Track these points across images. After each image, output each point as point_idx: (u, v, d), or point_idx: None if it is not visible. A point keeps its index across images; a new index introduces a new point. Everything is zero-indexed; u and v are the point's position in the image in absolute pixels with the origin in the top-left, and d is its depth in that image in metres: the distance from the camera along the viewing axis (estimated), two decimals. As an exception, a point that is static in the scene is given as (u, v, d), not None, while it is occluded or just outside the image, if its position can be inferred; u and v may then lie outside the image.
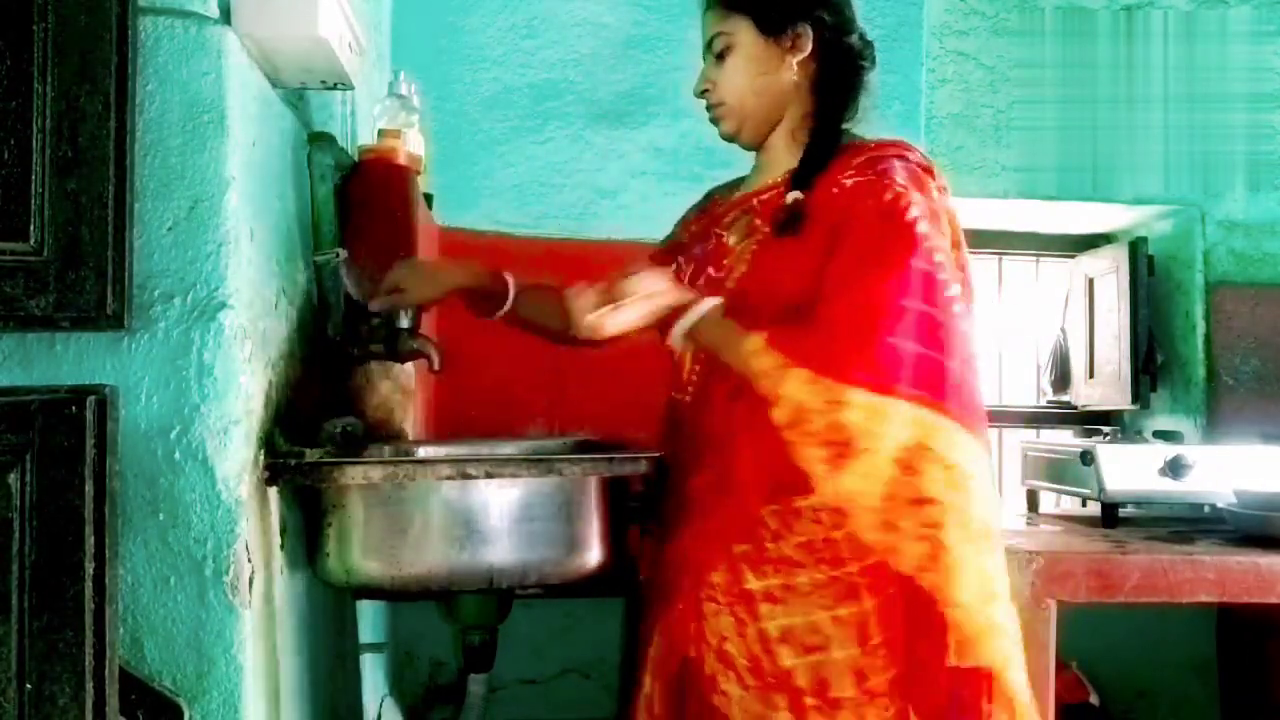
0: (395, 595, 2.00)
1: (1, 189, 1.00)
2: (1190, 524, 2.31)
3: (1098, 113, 2.83)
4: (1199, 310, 2.88)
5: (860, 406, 1.24)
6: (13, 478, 0.94)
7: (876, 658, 1.31)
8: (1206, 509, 2.33)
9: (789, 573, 1.32)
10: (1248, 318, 2.87)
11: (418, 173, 1.81)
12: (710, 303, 1.35)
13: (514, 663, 2.36)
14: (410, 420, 1.72)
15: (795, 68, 1.42)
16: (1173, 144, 2.85)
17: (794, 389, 1.25)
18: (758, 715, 1.32)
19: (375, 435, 1.66)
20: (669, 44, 2.64)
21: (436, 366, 1.59)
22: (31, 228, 1.01)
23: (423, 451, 1.65)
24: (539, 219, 2.58)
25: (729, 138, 1.49)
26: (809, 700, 1.30)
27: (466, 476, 1.29)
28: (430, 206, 2.22)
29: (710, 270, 1.48)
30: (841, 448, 1.25)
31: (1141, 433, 2.56)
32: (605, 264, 2.52)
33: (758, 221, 1.44)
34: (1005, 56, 2.84)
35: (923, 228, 1.30)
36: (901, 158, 1.38)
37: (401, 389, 1.66)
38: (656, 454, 1.43)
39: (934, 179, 1.39)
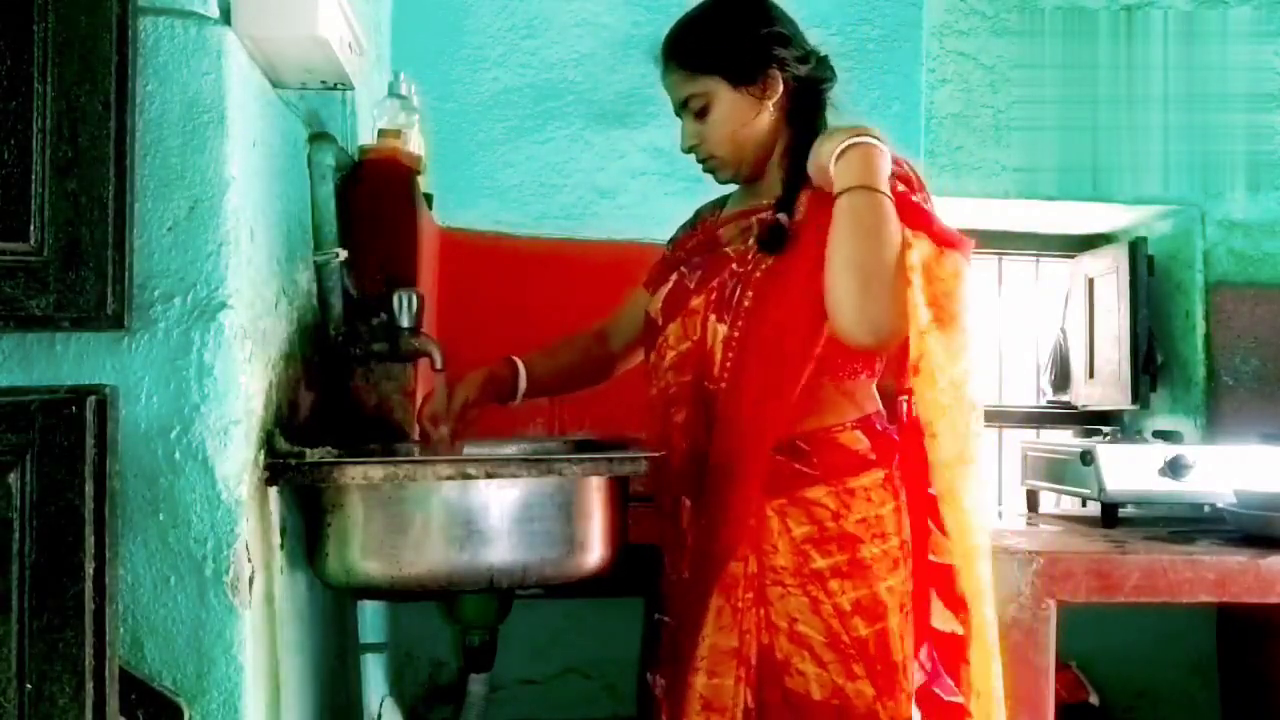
0: (395, 595, 2.00)
1: (1, 189, 1.00)
2: (1190, 524, 2.31)
3: (1098, 113, 2.83)
4: (1199, 310, 2.88)
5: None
6: (13, 478, 0.94)
7: (908, 624, 1.42)
8: (1206, 509, 2.33)
9: (853, 548, 1.39)
10: (1248, 318, 2.87)
11: (418, 173, 1.81)
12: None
13: (514, 663, 2.36)
14: (410, 420, 1.72)
15: (771, 108, 1.47)
16: (1173, 144, 2.85)
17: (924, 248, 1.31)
18: (836, 688, 1.38)
19: (375, 435, 1.66)
20: (669, 44, 2.64)
21: (438, 365, 1.60)
22: (31, 228, 1.01)
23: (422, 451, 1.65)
24: (539, 219, 2.57)
25: (727, 182, 1.54)
26: (879, 666, 1.38)
27: (466, 476, 1.29)
28: (430, 206, 2.22)
29: (714, 280, 1.48)
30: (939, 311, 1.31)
31: (1141, 433, 2.56)
32: (605, 264, 2.55)
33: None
34: (1005, 56, 2.84)
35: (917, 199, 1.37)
36: None
37: (402, 389, 1.66)
38: (656, 454, 1.44)
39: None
